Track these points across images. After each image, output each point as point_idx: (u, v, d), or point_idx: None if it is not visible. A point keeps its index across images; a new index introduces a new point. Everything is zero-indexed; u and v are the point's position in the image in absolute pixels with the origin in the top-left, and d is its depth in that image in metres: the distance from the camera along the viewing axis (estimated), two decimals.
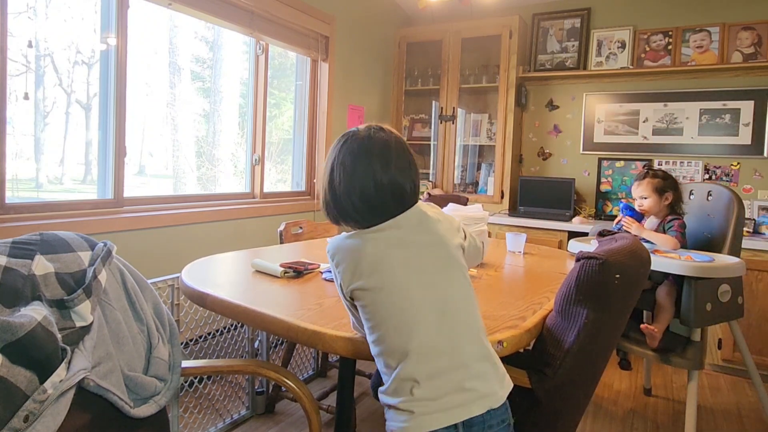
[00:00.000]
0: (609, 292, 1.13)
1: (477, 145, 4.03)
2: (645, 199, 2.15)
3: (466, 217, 1.90)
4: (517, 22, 3.62)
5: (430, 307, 0.94)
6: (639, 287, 1.27)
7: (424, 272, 0.96)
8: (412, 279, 0.95)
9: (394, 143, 1.00)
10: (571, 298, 1.16)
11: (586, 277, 1.13)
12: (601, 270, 1.11)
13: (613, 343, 1.30)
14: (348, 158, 0.98)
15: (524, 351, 1.25)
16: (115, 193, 2.24)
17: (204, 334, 2.38)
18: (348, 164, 0.98)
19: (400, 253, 0.97)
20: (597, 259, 1.12)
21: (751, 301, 2.79)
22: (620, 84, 3.65)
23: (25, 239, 1.08)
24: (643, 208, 2.16)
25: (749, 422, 2.38)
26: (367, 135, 0.99)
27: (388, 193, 0.98)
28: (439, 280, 0.97)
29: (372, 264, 0.96)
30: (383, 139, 0.99)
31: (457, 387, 0.90)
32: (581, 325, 1.14)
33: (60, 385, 0.93)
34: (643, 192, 2.15)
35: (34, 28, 1.99)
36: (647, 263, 1.28)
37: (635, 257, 1.20)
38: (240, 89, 3.06)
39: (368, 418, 2.22)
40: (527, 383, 1.18)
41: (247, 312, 1.21)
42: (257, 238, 2.93)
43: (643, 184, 2.16)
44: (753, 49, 3.21)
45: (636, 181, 2.19)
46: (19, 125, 1.98)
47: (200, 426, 2.08)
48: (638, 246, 1.25)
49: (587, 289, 1.13)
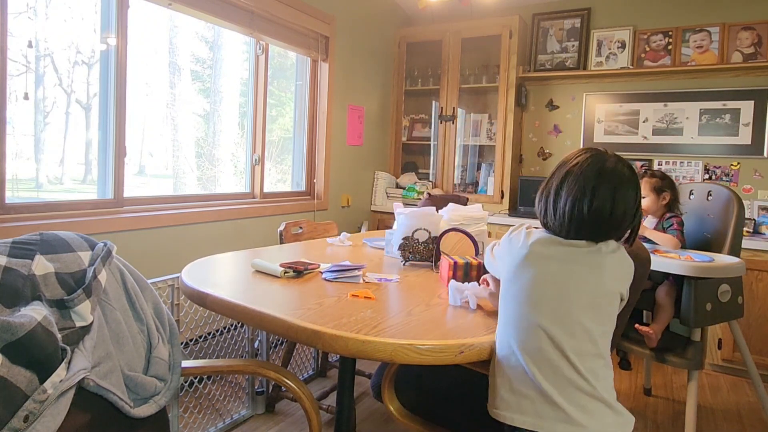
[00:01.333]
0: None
1: (477, 145, 4.03)
2: (643, 199, 2.15)
3: (466, 217, 1.90)
4: (517, 22, 3.62)
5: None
6: (637, 287, 1.25)
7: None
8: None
9: (626, 185, 1.05)
10: None
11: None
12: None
13: (612, 344, 1.29)
14: (588, 177, 1.04)
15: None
16: (115, 193, 2.24)
17: (204, 334, 2.38)
18: (585, 181, 1.03)
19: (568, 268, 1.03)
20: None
21: (751, 301, 2.79)
22: (620, 84, 3.65)
23: (25, 239, 1.08)
24: (642, 207, 2.16)
25: (749, 422, 2.38)
26: (613, 168, 1.05)
27: (595, 222, 1.03)
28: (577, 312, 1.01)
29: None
30: (625, 178, 1.05)
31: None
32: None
33: (60, 385, 0.93)
34: (642, 192, 2.15)
35: (34, 28, 1.99)
36: (646, 263, 1.26)
37: (632, 257, 1.17)
38: (240, 89, 3.06)
39: (368, 418, 2.22)
40: None
41: (247, 312, 1.21)
42: (257, 238, 2.93)
43: (641, 183, 2.16)
44: (753, 49, 3.21)
45: None
46: (19, 125, 1.98)
47: (200, 426, 2.08)
48: (637, 246, 1.24)
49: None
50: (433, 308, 1.28)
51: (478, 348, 1.05)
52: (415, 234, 1.78)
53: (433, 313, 1.24)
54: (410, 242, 1.77)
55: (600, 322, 1.01)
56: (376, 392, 1.43)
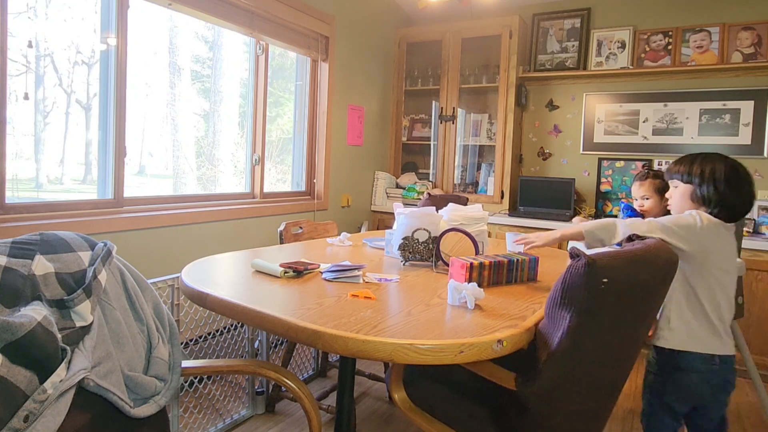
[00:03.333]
0: (594, 296, 1.06)
1: (477, 145, 4.03)
2: (646, 200, 2.15)
3: (466, 217, 1.90)
4: (517, 22, 3.63)
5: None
6: (644, 295, 1.18)
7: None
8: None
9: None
10: (557, 301, 1.11)
11: (570, 280, 1.07)
12: (587, 273, 1.04)
13: (621, 356, 1.23)
14: (738, 174, 1.47)
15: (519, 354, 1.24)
16: (115, 193, 2.24)
17: (204, 334, 2.38)
18: (738, 177, 1.47)
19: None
20: (584, 260, 1.05)
21: (751, 301, 2.79)
22: (620, 84, 3.65)
23: (25, 239, 1.08)
24: (644, 208, 2.16)
25: (749, 422, 2.38)
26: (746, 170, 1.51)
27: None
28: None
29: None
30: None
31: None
32: (564, 329, 1.08)
33: (60, 385, 0.93)
34: (645, 192, 2.14)
35: (34, 28, 1.99)
36: (657, 271, 1.19)
37: (637, 263, 1.13)
38: (240, 89, 3.06)
39: (368, 418, 2.22)
40: (513, 385, 1.16)
41: (247, 312, 1.21)
42: (257, 238, 2.93)
43: (645, 184, 2.15)
44: (753, 49, 3.21)
45: (637, 181, 2.19)
46: (19, 125, 1.98)
47: (200, 426, 2.08)
48: (649, 252, 1.17)
49: (572, 293, 1.07)
50: (433, 308, 1.28)
51: (478, 348, 1.05)
52: (415, 234, 1.78)
53: (433, 312, 1.24)
54: (410, 242, 1.77)
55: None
56: (388, 377, 1.43)
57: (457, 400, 1.37)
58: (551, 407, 1.17)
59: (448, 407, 1.35)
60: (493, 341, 1.07)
